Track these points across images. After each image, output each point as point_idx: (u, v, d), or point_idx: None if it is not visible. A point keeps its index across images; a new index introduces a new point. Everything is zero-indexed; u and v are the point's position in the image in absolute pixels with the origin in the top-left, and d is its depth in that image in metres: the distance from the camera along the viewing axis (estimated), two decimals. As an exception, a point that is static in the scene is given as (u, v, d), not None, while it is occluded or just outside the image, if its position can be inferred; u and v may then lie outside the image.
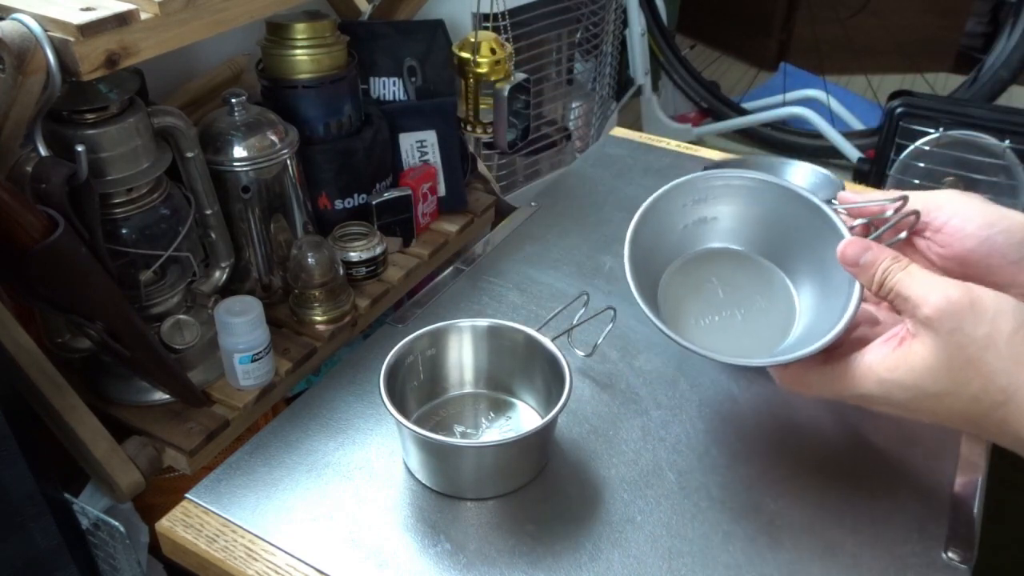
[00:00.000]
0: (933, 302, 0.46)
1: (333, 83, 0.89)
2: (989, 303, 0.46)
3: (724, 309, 0.61)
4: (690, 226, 0.62)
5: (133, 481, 0.73)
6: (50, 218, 0.61)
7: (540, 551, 0.60)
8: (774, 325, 0.60)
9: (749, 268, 0.62)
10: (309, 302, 0.87)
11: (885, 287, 0.50)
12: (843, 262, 0.52)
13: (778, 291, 0.61)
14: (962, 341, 0.45)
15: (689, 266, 0.62)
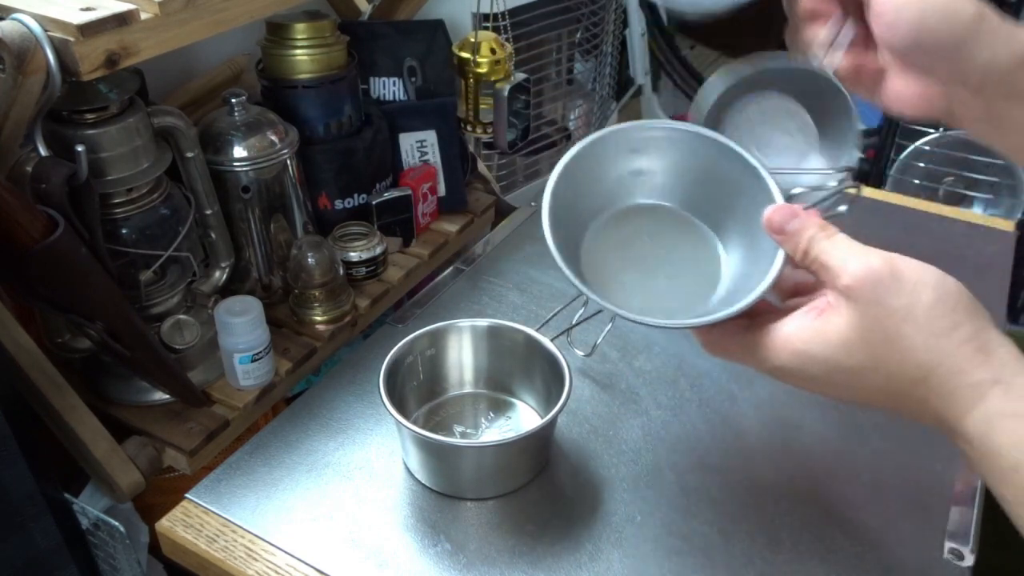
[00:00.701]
0: (852, 271, 0.44)
1: (333, 83, 0.89)
2: (910, 274, 0.43)
3: (650, 267, 0.58)
4: (624, 177, 0.59)
5: (133, 481, 0.73)
6: (50, 218, 0.61)
7: (540, 551, 0.60)
8: (699, 286, 0.57)
9: (680, 225, 0.59)
10: (309, 302, 0.87)
11: (809, 256, 0.47)
12: (768, 229, 0.50)
13: (707, 251, 0.58)
14: (879, 313, 0.43)
15: (618, 220, 0.59)
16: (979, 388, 0.41)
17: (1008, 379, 0.41)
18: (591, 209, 0.59)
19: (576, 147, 0.56)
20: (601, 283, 0.55)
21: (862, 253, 0.45)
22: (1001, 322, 0.84)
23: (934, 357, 0.42)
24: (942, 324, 0.42)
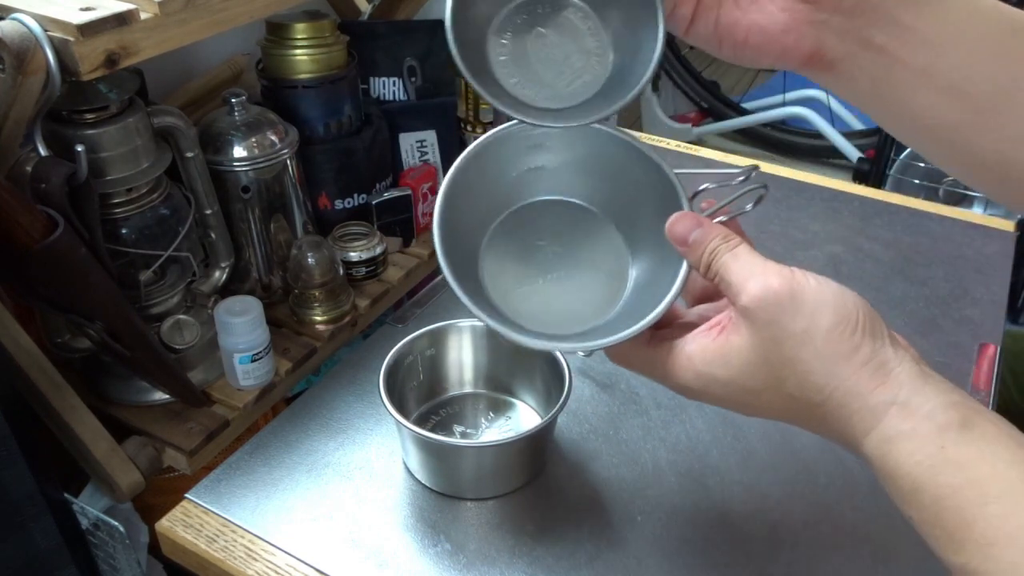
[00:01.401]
0: (752, 291, 0.42)
1: (333, 83, 0.89)
2: (809, 295, 0.42)
3: (552, 271, 0.54)
4: (523, 175, 0.55)
5: (133, 481, 0.73)
6: (50, 218, 0.61)
7: (540, 551, 0.60)
8: (605, 289, 0.54)
9: (583, 223, 0.55)
10: (309, 302, 0.87)
11: (711, 270, 0.45)
12: (672, 239, 0.47)
13: (612, 251, 0.55)
14: (778, 336, 0.42)
15: (518, 221, 0.55)
16: (876, 411, 0.40)
17: (904, 399, 0.40)
18: (490, 211, 0.55)
19: (473, 146, 0.52)
20: (502, 293, 0.53)
21: (762, 272, 0.43)
22: (1001, 322, 0.84)
23: (832, 381, 0.41)
24: (840, 348, 0.41)
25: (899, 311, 0.85)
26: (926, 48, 0.45)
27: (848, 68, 0.47)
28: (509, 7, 0.51)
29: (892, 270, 0.90)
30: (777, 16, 0.46)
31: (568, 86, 0.51)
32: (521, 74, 0.51)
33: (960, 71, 0.45)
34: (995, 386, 0.75)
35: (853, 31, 0.45)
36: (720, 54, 0.49)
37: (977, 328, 0.82)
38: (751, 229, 0.50)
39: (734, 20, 0.47)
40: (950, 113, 0.46)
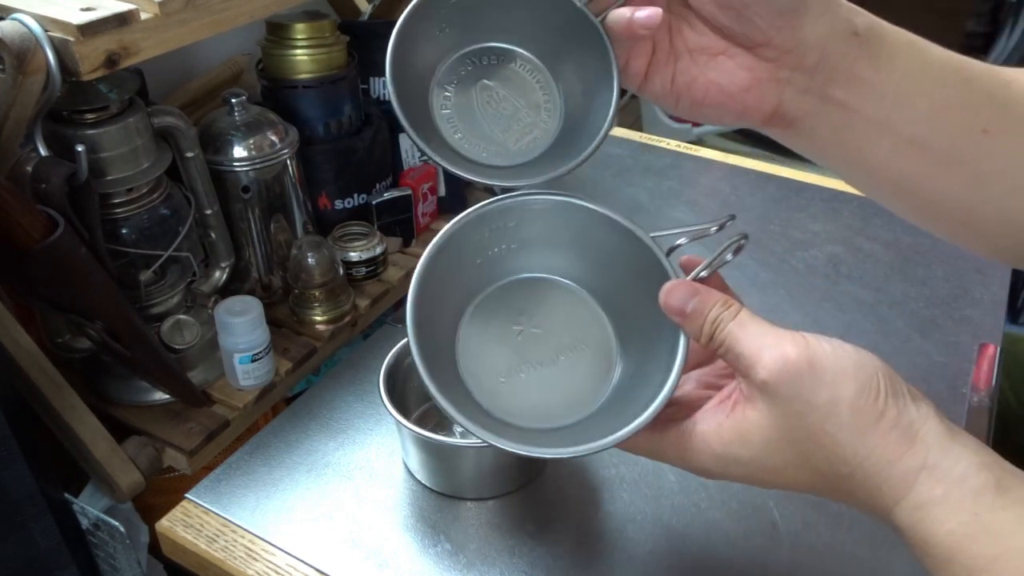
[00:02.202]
0: (768, 364, 0.40)
1: (333, 83, 0.89)
2: (828, 363, 0.40)
3: (533, 357, 0.50)
4: (492, 256, 0.51)
5: (133, 481, 0.73)
6: (50, 218, 0.61)
7: (540, 551, 0.60)
8: (593, 373, 0.50)
9: (562, 303, 0.52)
10: (309, 302, 0.87)
11: (715, 340, 0.42)
12: (668, 311, 0.44)
13: (596, 329, 0.51)
14: (801, 410, 0.40)
15: (495, 303, 0.51)
16: (906, 478, 0.39)
17: (933, 462, 0.39)
18: (461, 300, 0.52)
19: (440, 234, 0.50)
20: (485, 389, 0.48)
21: (775, 342, 0.40)
22: (1001, 322, 0.84)
23: (860, 451, 0.39)
24: (867, 417, 0.39)
25: (899, 311, 0.85)
26: (885, 101, 0.45)
27: (809, 124, 0.46)
28: (453, 57, 0.48)
29: (892, 270, 0.90)
30: (737, 74, 0.45)
31: (517, 142, 0.49)
32: (466, 129, 0.48)
33: (918, 123, 0.45)
34: (995, 386, 0.75)
35: (814, 88, 0.45)
36: (677, 111, 0.48)
37: (977, 328, 0.82)
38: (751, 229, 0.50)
39: (691, 77, 0.46)
40: (910, 164, 0.46)
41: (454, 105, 0.48)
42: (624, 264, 0.49)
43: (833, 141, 0.47)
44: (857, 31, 0.44)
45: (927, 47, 0.46)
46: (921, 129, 0.45)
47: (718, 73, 0.45)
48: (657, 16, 0.43)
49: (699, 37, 0.46)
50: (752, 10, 0.43)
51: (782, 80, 0.45)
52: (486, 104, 0.49)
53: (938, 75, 0.45)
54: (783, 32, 0.43)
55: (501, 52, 0.49)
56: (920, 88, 0.45)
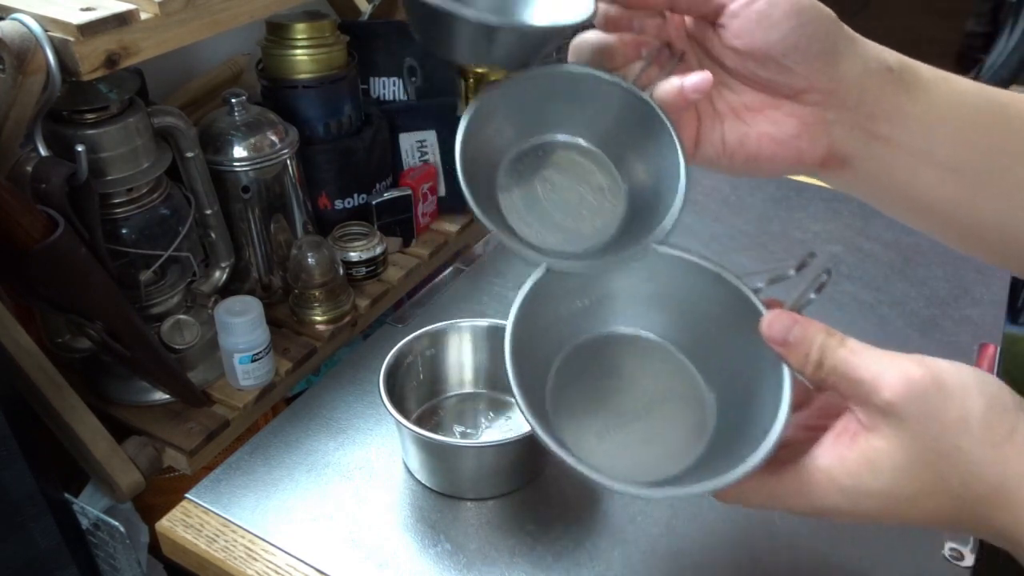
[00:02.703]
0: (893, 385, 0.38)
1: (333, 83, 0.89)
2: (953, 380, 0.38)
3: (627, 414, 0.49)
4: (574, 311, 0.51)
5: (133, 481, 0.73)
6: (50, 218, 0.61)
7: (540, 551, 0.60)
8: (688, 424, 0.49)
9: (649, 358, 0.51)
10: (309, 302, 0.87)
11: (824, 368, 0.41)
12: (770, 341, 0.43)
13: (684, 379, 0.50)
14: (933, 430, 0.38)
15: (578, 363, 0.51)
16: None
17: None
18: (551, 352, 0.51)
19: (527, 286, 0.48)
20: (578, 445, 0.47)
21: (892, 363, 0.39)
22: (1001, 322, 0.84)
23: (1000, 469, 0.37)
24: (999, 431, 0.37)
25: (899, 311, 0.85)
26: (923, 132, 0.45)
27: (860, 161, 0.47)
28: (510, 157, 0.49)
29: (892, 270, 0.90)
30: (786, 123, 0.46)
31: (590, 226, 0.49)
32: (537, 222, 0.48)
33: (956, 150, 0.46)
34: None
35: (860, 124, 0.45)
36: (734, 171, 0.48)
37: (977, 328, 0.82)
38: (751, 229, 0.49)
39: (742, 134, 0.47)
40: (949, 190, 0.47)
41: (521, 202, 0.49)
42: (710, 309, 0.49)
43: (883, 177, 0.47)
44: (891, 67, 0.45)
45: (958, 80, 0.47)
46: (958, 155, 0.46)
47: (767, 125, 0.46)
48: (708, 79, 0.44)
49: (740, 96, 0.47)
50: (790, 59, 0.44)
51: (829, 121, 0.45)
52: (551, 195, 0.49)
53: (972, 102, 0.46)
54: (822, 75, 0.44)
55: (556, 143, 0.49)
56: (956, 115, 0.46)
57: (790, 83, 0.45)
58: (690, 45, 0.48)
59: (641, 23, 0.47)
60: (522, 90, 0.47)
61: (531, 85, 0.47)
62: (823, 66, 0.44)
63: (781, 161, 0.47)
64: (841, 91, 0.45)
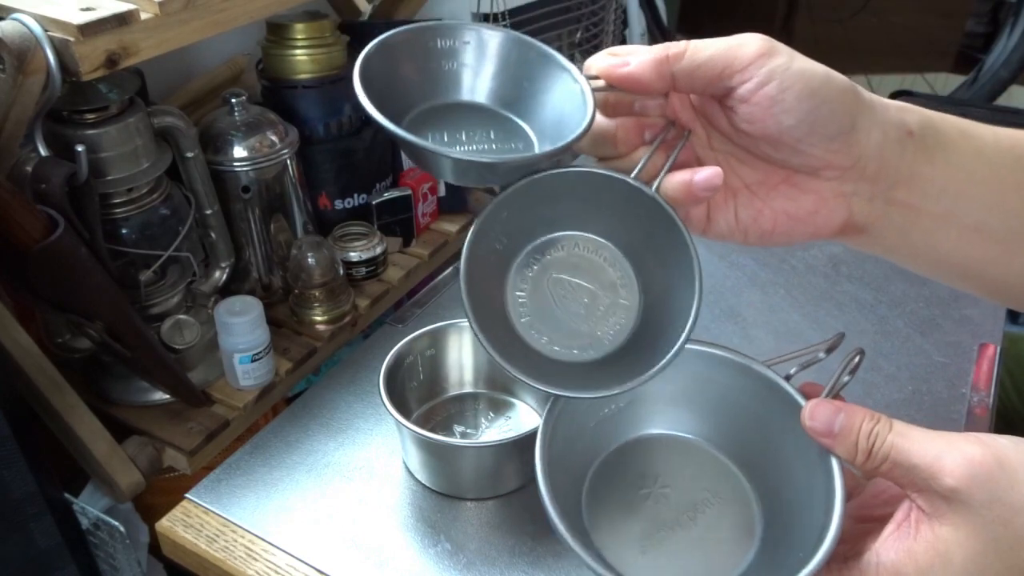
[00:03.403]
0: (954, 470, 0.36)
1: (333, 83, 0.89)
2: (1016, 457, 0.36)
3: (669, 522, 0.47)
4: (604, 417, 0.49)
5: (133, 481, 0.73)
6: (50, 218, 0.61)
7: (540, 551, 0.60)
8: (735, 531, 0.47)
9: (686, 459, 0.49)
10: (309, 302, 0.87)
11: (876, 456, 0.39)
12: (813, 433, 0.41)
13: (727, 483, 0.48)
14: (1004, 514, 0.35)
15: (612, 470, 0.49)
16: None
17: None
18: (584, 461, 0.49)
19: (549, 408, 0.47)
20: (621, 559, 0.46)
21: (950, 446, 0.37)
22: (1001, 322, 0.84)
23: None
24: None
25: (899, 311, 0.85)
26: (945, 195, 0.44)
27: (877, 228, 0.45)
28: (516, 263, 0.47)
29: (892, 270, 0.90)
30: (803, 199, 0.44)
31: (604, 329, 0.47)
32: (550, 330, 0.46)
33: (979, 210, 0.45)
34: (995, 386, 0.75)
35: (878, 194, 0.44)
36: (747, 243, 0.47)
37: (977, 328, 0.82)
38: None
39: (756, 211, 0.45)
40: (976, 250, 0.46)
41: (531, 310, 0.47)
42: (742, 402, 0.47)
43: (901, 240, 0.46)
44: (911, 130, 0.43)
45: (979, 131, 0.46)
46: (982, 215, 0.45)
47: (782, 201, 0.45)
48: (718, 176, 0.42)
49: (753, 172, 0.45)
50: (804, 144, 0.42)
51: (847, 193, 0.44)
52: (562, 297, 0.47)
53: (992, 158, 0.45)
54: (839, 153, 0.42)
55: (562, 241, 0.47)
56: (977, 176, 0.45)
57: (806, 163, 0.43)
58: (697, 119, 0.46)
59: (643, 105, 0.45)
60: (523, 197, 0.45)
61: (533, 189, 0.45)
62: (841, 145, 0.42)
63: (797, 235, 0.46)
64: (859, 165, 0.43)
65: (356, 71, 0.41)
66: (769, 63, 0.41)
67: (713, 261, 0.92)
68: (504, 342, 0.45)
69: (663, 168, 0.44)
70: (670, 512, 0.48)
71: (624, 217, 0.46)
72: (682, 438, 0.50)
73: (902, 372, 0.77)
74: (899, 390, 0.75)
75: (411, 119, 0.45)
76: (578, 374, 0.46)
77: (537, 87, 0.46)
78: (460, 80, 0.47)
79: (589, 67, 0.44)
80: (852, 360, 0.43)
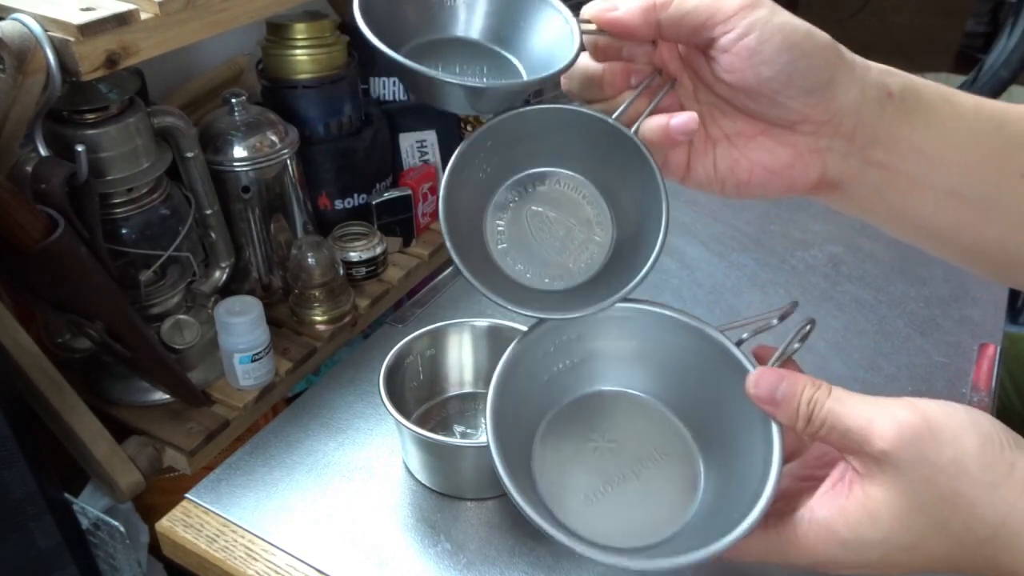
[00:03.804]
0: (884, 433, 0.38)
1: (333, 83, 0.89)
2: (944, 421, 0.38)
3: (615, 475, 0.49)
4: (558, 373, 0.51)
5: (133, 481, 0.73)
6: (50, 218, 0.61)
7: (540, 551, 0.60)
8: (678, 487, 0.49)
9: (636, 416, 0.51)
10: (309, 302, 0.87)
11: (814, 421, 0.41)
12: (757, 400, 0.43)
13: (673, 437, 0.50)
14: (928, 474, 0.37)
15: (564, 424, 0.51)
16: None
17: None
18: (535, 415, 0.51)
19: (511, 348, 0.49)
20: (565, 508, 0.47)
21: (883, 410, 0.39)
22: (1001, 322, 0.84)
23: (1000, 510, 0.37)
24: (998, 470, 0.37)
25: (899, 311, 0.85)
26: (922, 158, 0.45)
27: (853, 186, 0.47)
28: (498, 192, 0.49)
29: (892, 270, 0.90)
30: (779, 152, 0.45)
31: (575, 262, 0.49)
32: (525, 259, 0.49)
33: (955, 175, 0.45)
34: (995, 387, 0.75)
35: (854, 151, 0.45)
36: (724, 195, 0.48)
37: (977, 328, 0.82)
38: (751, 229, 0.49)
39: (733, 161, 0.46)
40: (952, 215, 0.46)
41: (508, 238, 0.49)
42: (694, 364, 0.49)
43: (877, 200, 0.47)
44: (891, 92, 0.44)
45: (960, 98, 0.46)
46: (959, 180, 0.45)
47: (759, 153, 0.46)
48: (694, 121, 0.43)
49: (733, 123, 0.46)
50: (782, 95, 0.43)
51: (823, 149, 0.45)
52: (539, 229, 0.49)
53: (972, 125, 0.45)
54: (817, 108, 0.43)
55: (544, 176, 0.50)
56: (955, 141, 0.45)
57: (783, 116, 0.44)
58: (684, 70, 0.47)
59: (631, 50, 0.46)
60: (508, 129, 0.47)
61: (518, 123, 0.47)
62: (817, 100, 0.43)
63: (772, 188, 0.47)
64: (835, 121, 0.44)
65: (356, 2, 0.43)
66: (751, 15, 0.42)
67: (713, 261, 0.92)
68: (479, 267, 0.47)
69: (644, 112, 0.46)
70: (616, 466, 0.49)
71: (603, 157, 0.48)
72: (633, 395, 0.51)
73: (902, 372, 0.77)
74: (899, 390, 0.75)
75: (408, 50, 0.47)
76: (547, 302, 0.48)
77: (530, 26, 0.48)
78: (456, 16, 0.48)
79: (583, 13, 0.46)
80: (803, 329, 0.45)
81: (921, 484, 0.38)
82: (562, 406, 0.51)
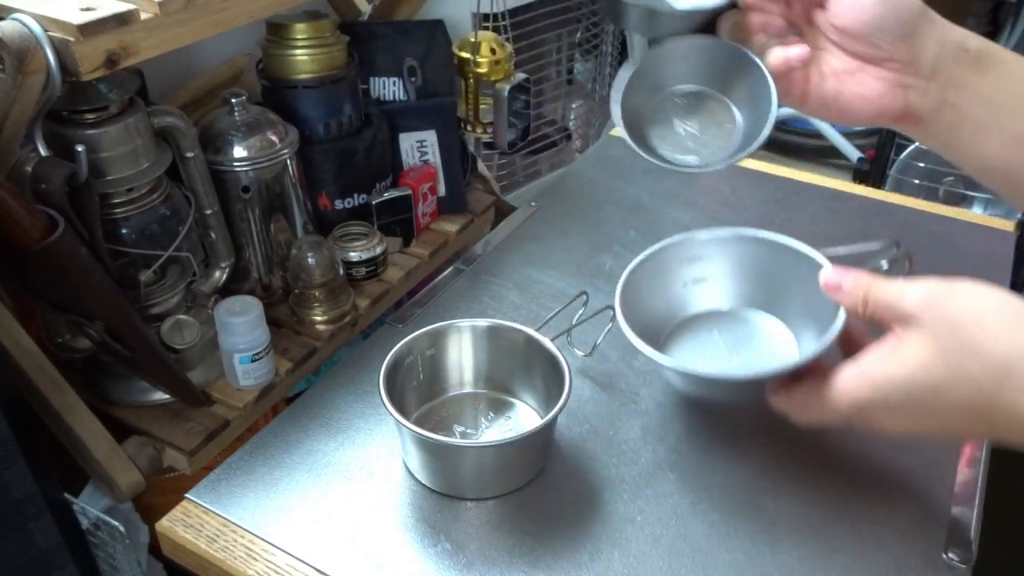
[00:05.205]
0: (911, 297, 0.48)
1: (333, 83, 0.89)
2: (967, 286, 0.47)
3: (729, 358, 0.67)
4: (688, 285, 0.71)
5: (133, 481, 0.73)
6: (50, 218, 0.61)
7: (540, 551, 0.60)
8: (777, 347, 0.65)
9: (746, 323, 0.69)
10: (309, 302, 0.87)
11: (869, 304, 0.51)
12: (826, 289, 0.55)
13: (778, 337, 0.68)
14: (949, 326, 0.46)
15: (689, 324, 0.70)
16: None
17: None
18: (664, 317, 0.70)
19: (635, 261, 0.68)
20: None
21: (916, 282, 0.48)
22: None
23: (1013, 349, 0.44)
24: (1012, 321, 0.44)
25: (899, 311, 0.85)
26: (990, 105, 0.54)
27: (931, 121, 0.56)
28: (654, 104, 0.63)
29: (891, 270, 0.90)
30: (872, 84, 0.55)
31: (709, 152, 0.63)
32: (671, 144, 0.63)
33: (1020, 123, 0.54)
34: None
35: (932, 92, 0.54)
36: (830, 118, 0.59)
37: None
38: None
39: (837, 91, 0.56)
40: (1010, 155, 0.54)
41: (663, 137, 0.63)
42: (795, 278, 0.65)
43: (949, 137, 0.56)
44: (968, 48, 0.54)
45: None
46: (1020, 130, 0.54)
47: (858, 85, 0.56)
48: (806, 51, 0.56)
49: (839, 62, 0.57)
50: (875, 37, 0.54)
51: (907, 85, 0.55)
52: (688, 129, 0.63)
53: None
54: (901, 50, 0.54)
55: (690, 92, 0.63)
56: (1018, 96, 0.54)
57: (875, 55, 0.54)
58: (807, 26, 0.58)
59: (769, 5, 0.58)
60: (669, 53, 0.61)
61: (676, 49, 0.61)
62: (903, 44, 0.53)
63: (867, 114, 0.56)
64: (915, 63, 0.54)
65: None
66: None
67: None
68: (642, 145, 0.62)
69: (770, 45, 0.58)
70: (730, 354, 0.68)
71: (737, 79, 0.61)
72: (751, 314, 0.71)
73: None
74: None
75: None
76: None
77: None
78: None
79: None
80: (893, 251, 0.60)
81: (943, 334, 0.46)
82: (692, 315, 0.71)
